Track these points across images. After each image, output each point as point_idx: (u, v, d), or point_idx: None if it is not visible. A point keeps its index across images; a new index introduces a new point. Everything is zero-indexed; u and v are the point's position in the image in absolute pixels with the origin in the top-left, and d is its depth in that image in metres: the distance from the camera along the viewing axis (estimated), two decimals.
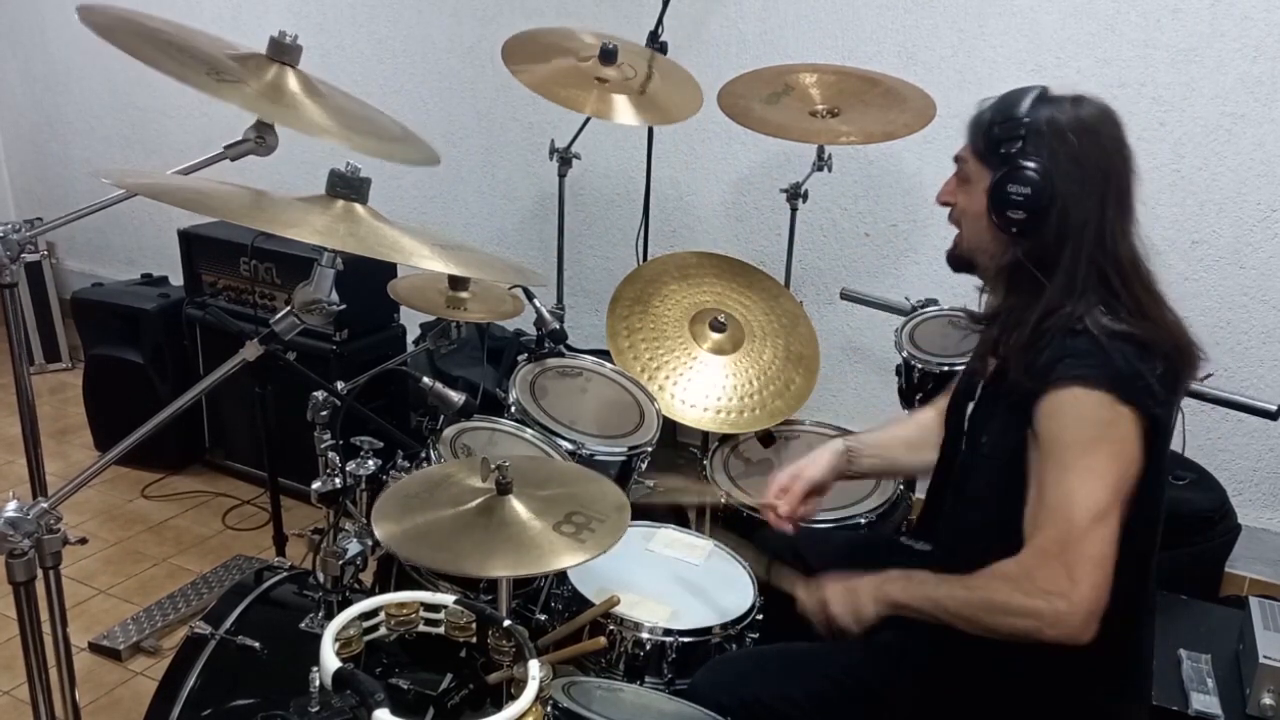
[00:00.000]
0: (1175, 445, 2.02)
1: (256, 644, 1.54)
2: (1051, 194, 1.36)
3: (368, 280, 2.49)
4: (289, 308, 1.32)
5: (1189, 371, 1.40)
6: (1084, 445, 1.28)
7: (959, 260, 1.54)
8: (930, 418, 1.77)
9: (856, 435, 1.85)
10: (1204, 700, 1.69)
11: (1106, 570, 1.26)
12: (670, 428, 2.33)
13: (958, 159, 1.49)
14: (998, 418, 1.43)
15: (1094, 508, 1.26)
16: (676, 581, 1.83)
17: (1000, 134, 1.40)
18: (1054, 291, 1.36)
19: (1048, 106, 1.39)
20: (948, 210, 1.53)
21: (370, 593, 1.71)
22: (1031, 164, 1.37)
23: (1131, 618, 1.39)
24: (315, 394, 1.67)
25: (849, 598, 1.45)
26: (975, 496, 1.47)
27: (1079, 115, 1.38)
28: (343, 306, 1.33)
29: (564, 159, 2.76)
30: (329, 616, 1.52)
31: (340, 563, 1.57)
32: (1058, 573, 1.25)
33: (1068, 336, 1.33)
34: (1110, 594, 1.26)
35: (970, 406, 1.54)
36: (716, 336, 2.36)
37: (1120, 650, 1.39)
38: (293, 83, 1.52)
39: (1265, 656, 1.69)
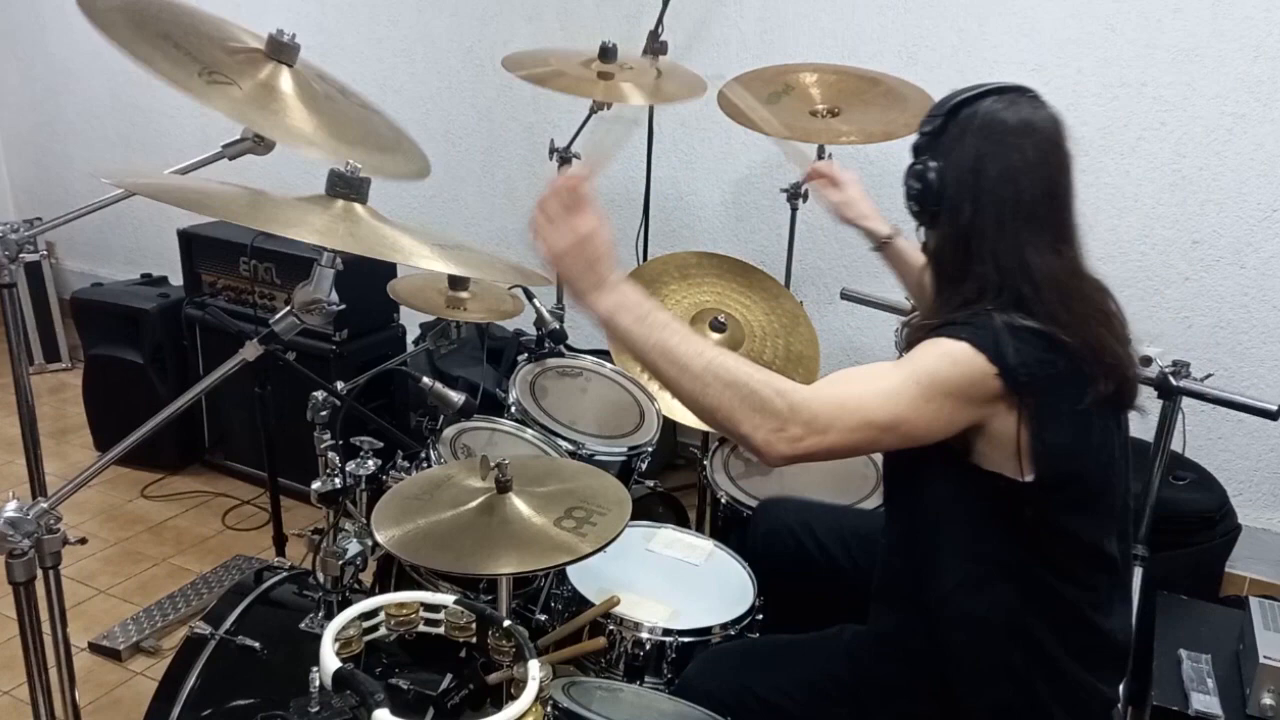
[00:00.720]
0: (1175, 445, 2.02)
1: (256, 644, 1.54)
2: (939, 194, 1.33)
3: (368, 280, 2.49)
4: (289, 308, 1.32)
5: (1104, 386, 1.27)
6: (923, 360, 1.26)
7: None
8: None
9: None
10: (1204, 700, 1.69)
11: (834, 438, 1.22)
12: (670, 428, 2.33)
13: None
14: None
15: (880, 401, 1.24)
16: (676, 581, 1.83)
17: (925, 122, 1.38)
18: (966, 290, 1.31)
19: (978, 102, 1.34)
20: None
21: (370, 593, 1.71)
22: (927, 160, 1.35)
23: (1094, 602, 1.38)
24: (315, 394, 1.67)
25: (564, 274, 1.28)
26: (889, 477, 1.50)
27: (999, 116, 1.31)
28: (342, 306, 1.34)
29: (564, 159, 2.76)
30: (329, 616, 1.52)
31: (340, 563, 1.57)
32: (819, 415, 1.22)
33: (963, 316, 1.28)
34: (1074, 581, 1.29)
35: None
36: (716, 336, 2.36)
37: (1122, 651, 1.39)
38: (286, 83, 1.50)
39: (1265, 656, 1.69)
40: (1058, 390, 1.25)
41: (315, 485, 1.63)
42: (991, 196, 1.30)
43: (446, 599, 1.25)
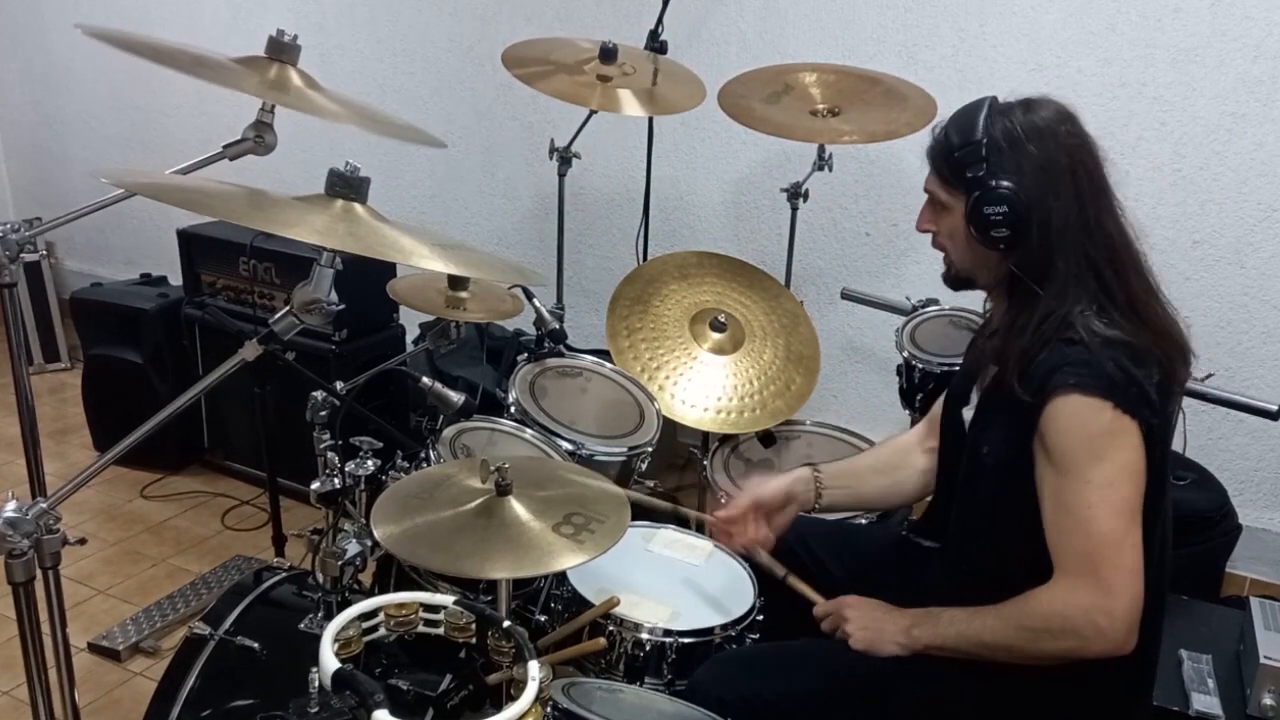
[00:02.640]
0: (1176, 445, 2.02)
1: (256, 644, 1.54)
2: (1027, 205, 1.36)
3: (367, 280, 2.49)
4: (288, 307, 1.32)
5: (1183, 373, 1.40)
6: (1094, 457, 1.29)
7: (957, 280, 1.54)
8: (907, 441, 1.79)
9: (822, 465, 1.79)
10: (1204, 700, 1.69)
11: (1140, 578, 1.27)
12: (670, 428, 2.32)
13: (927, 191, 1.49)
14: (998, 427, 1.43)
15: (1118, 519, 1.27)
16: (676, 582, 1.83)
17: (962, 158, 1.40)
18: (1049, 296, 1.37)
19: (1001, 119, 1.39)
20: (930, 236, 1.53)
21: (369, 593, 1.71)
22: (1000, 182, 1.37)
23: (1146, 625, 1.39)
24: (314, 394, 1.67)
25: (871, 638, 1.47)
26: (981, 504, 1.48)
27: (1033, 121, 1.39)
28: (342, 306, 1.33)
29: (564, 158, 2.76)
30: (328, 617, 1.51)
31: (339, 563, 1.57)
32: (1093, 588, 1.27)
33: (1063, 344, 1.33)
34: None
35: (968, 414, 1.54)
36: (717, 336, 2.36)
37: (1132, 655, 1.39)
38: (295, 79, 1.53)
39: (1266, 657, 1.69)
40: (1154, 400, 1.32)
41: (315, 485, 1.63)
42: (1068, 184, 1.37)
43: (446, 600, 1.25)
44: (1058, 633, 1.30)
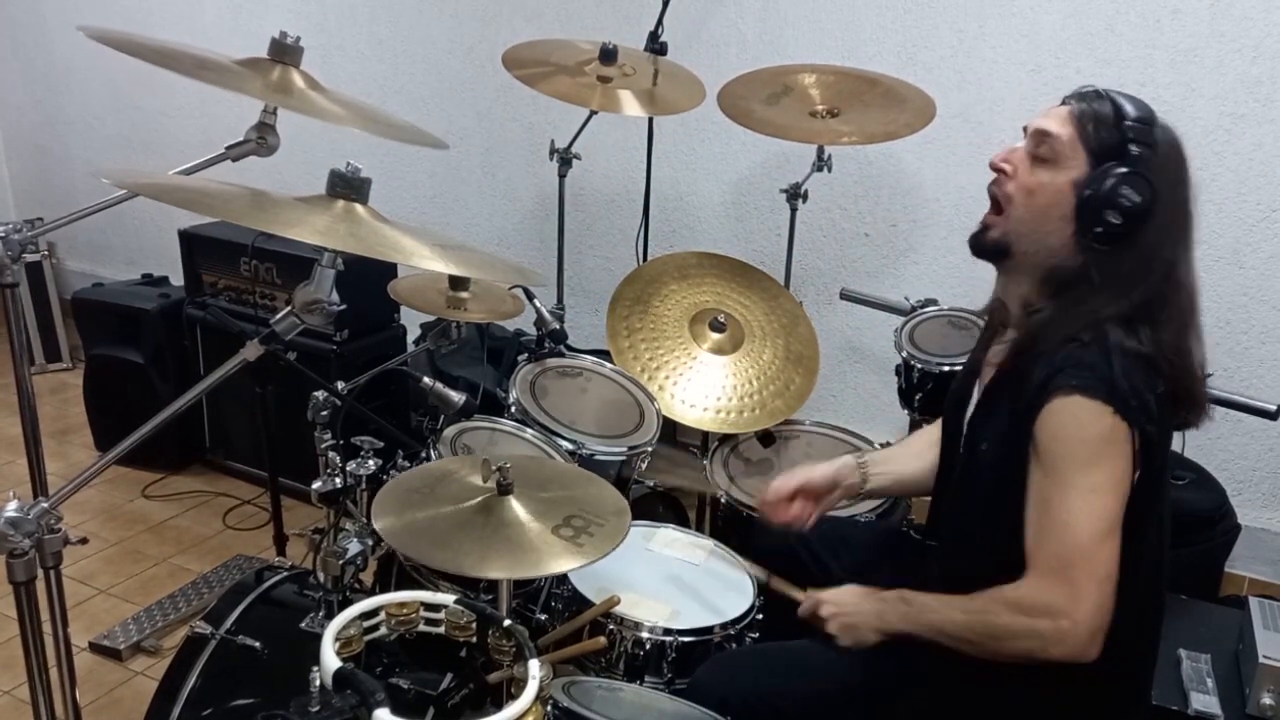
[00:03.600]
0: (1175, 445, 2.02)
1: (257, 644, 1.55)
2: (1149, 213, 1.30)
3: (368, 280, 2.49)
4: (289, 308, 1.32)
5: (1189, 411, 1.37)
6: (1085, 461, 1.27)
7: (994, 245, 1.40)
8: (938, 432, 1.77)
9: (868, 453, 1.81)
10: (1204, 700, 1.69)
11: (1110, 588, 1.26)
12: (670, 428, 2.33)
13: (1045, 131, 1.36)
14: (997, 425, 1.41)
15: (1097, 526, 1.26)
16: (677, 581, 1.83)
17: (1126, 130, 1.32)
18: (1105, 307, 1.31)
19: (1164, 129, 1.36)
20: (995, 179, 1.41)
21: (370, 592, 1.71)
22: (1150, 175, 1.30)
23: (1143, 628, 1.39)
24: (315, 394, 1.67)
25: (848, 624, 1.47)
26: (977, 501, 1.47)
27: (1181, 150, 1.37)
28: (343, 306, 1.33)
29: (564, 159, 2.76)
30: (329, 616, 1.52)
31: (340, 562, 1.57)
32: (1061, 591, 1.26)
33: (1076, 346, 1.30)
34: (1123, 606, 1.27)
35: (969, 410, 1.53)
36: (716, 336, 2.37)
37: (1129, 658, 1.39)
38: (298, 81, 1.53)
39: (1265, 656, 1.69)
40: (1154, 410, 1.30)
41: (316, 485, 1.63)
42: (1181, 215, 1.35)
43: (447, 599, 1.25)
44: (1020, 633, 1.29)
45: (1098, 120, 1.34)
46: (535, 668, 1.09)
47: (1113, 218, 1.29)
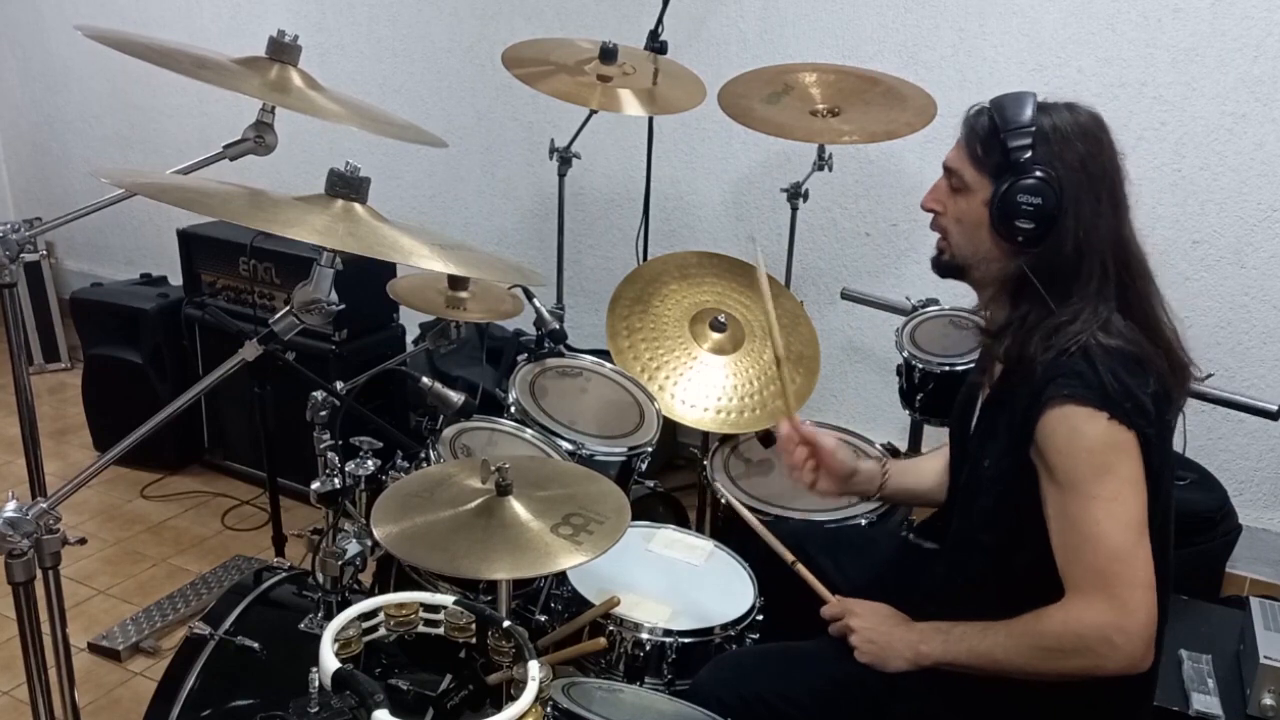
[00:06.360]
0: (1175, 445, 2.01)
1: (256, 644, 1.54)
2: (1060, 202, 1.33)
3: (367, 280, 2.49)
4: (288, 307, 1.31)
5: (1180, 390, 1.39)
6: (1096, 470, 1.27)
7: (948, 268, 1.50)
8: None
9: (891, 463, 1.84)
10: (1204, 700, 1.69)
11: (1153, 592, 1.26)
12: (670, 428, 2.32)
13: (949, 168, 1.45)
14: (998, 439, 1.42)
15: (1126, 533, 1.26)
16: (677, 582, 1.83)
17: (1006, 140, 1.36)
18: (1066, 301, 1.34)
19: (1048, 114, 1.37)
20: (931, 217, 1.50)
21: (369, 593, 1.71)
22: (1042, 172, 1.34)
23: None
24: (314, 394, 1.67)
25: (877, 653, 1.46)
26: (980, 514, 1.47)
27: (1080, 121, 1.38)
28: (342, 306, 1.33)
29: (564, 159, 2.76)
30: (328, 617, 1.51)
31: (339, 563, 1.57)
32: (1105, 606, 1.26)
33: (1062, 355, 1.31)
34: None
35: (972, 422, 1.54)
36: (716, 336, 2.36)
37: None
38: (296, 80, 1.53)
39: (1266, 657, 1.69)
40: (1150, 410, 1.31)
41: (315, 485, 1.63)
42: (1103, 187, 1.36)
43: (446, 599, 1.25)
44: (1071, 652, 1.29)
45: (981, 140, 1.40)
46: (535, 669, 1.09)
47: (1024, 224, 1.35)
